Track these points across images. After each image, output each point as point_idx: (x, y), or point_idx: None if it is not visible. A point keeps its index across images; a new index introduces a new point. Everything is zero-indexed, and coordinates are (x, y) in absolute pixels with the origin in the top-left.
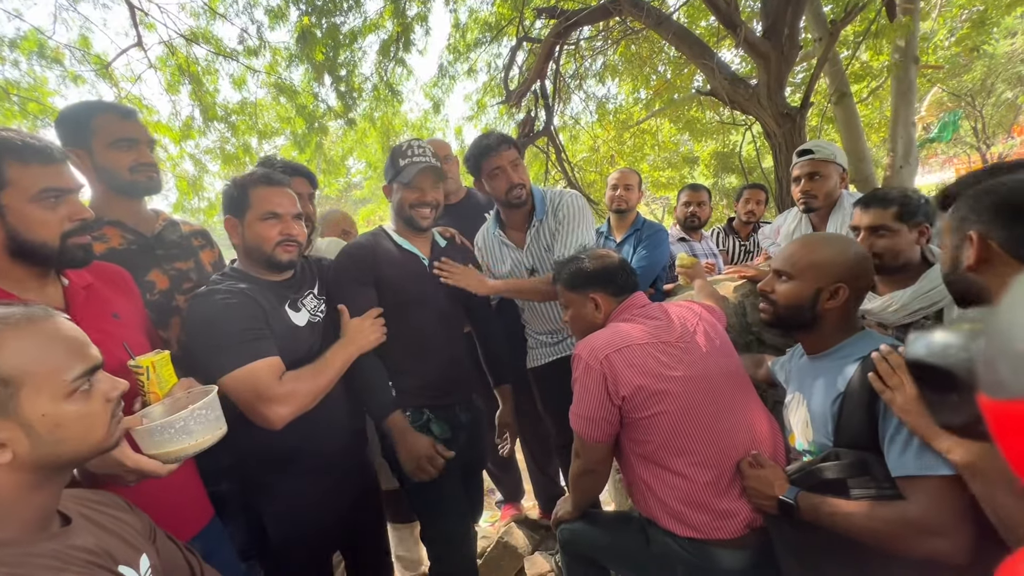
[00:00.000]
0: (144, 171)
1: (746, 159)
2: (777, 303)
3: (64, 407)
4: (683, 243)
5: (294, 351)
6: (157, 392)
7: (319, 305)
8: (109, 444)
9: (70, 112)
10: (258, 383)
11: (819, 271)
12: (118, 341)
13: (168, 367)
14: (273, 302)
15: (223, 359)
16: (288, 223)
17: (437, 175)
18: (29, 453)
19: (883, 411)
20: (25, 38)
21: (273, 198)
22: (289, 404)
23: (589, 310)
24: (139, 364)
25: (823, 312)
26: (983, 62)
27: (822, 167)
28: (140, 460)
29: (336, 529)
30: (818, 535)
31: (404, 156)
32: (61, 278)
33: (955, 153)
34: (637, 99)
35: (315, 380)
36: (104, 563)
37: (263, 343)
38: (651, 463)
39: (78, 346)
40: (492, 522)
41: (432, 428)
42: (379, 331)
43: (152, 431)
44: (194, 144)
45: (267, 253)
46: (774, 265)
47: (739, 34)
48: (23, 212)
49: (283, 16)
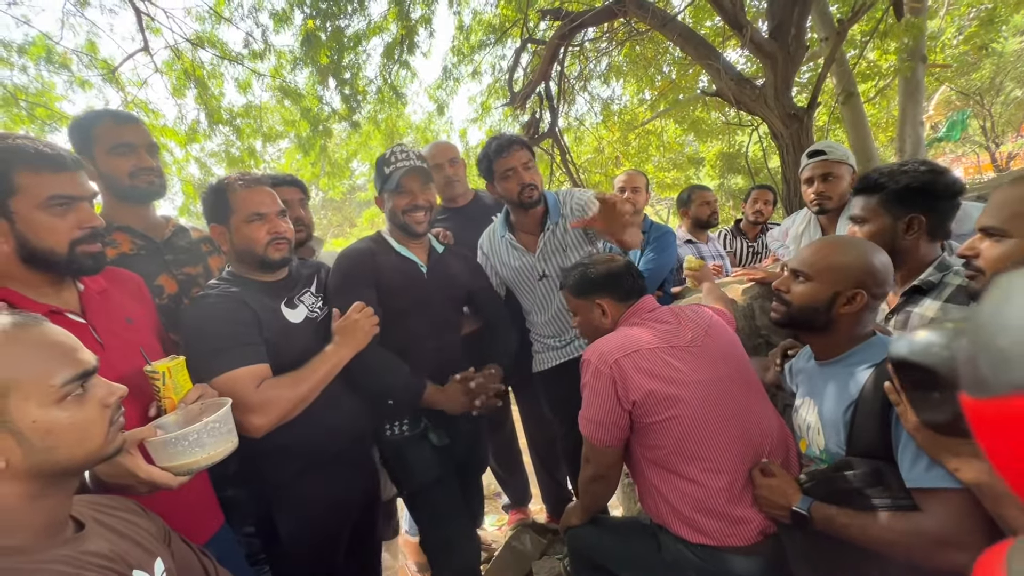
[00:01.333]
0: (144, 176)
1: (752, 160)
2: (791, 303)
3: (55, 413)
4: (690, 245)
5: (291, 348)
6: (172, 397)
7: (317, 302)
8: (109, 450)
9: (76, 122)
10: (235, 391)
11: (838, 274)
12: (133, 346)
13: (183, 372)
14: (268, 302)
15: (206, 365)
16: (274, 221)
17: (424, 176)
18: (23, 461)
19: (896, 420)
20: (33, 44)
21: (254, 198)
22: (265, 414)
23: (596, 316)
24: (155, 369)
25: (838, 316)
26: (992, 60)
27: (835, 168)
28: (152, 472)
29: (345, 529)
30: (831, 544)
31: (388, 164)
32: (77, 283)
33: (964, 152)
34: (642, 100)
35: (296, 388)
36: (118, 568)
37: (248, 349)
38: (663, 469)
39: (66, 351)
40: (499, 526)
41: (430, 437)
42: (372, 326)
43: (166, 443)
44: (199, 148)
45: (259, 254)
46: (792, 265)
47: (745, 34)
48: (32, 219)
49: (288, 19)
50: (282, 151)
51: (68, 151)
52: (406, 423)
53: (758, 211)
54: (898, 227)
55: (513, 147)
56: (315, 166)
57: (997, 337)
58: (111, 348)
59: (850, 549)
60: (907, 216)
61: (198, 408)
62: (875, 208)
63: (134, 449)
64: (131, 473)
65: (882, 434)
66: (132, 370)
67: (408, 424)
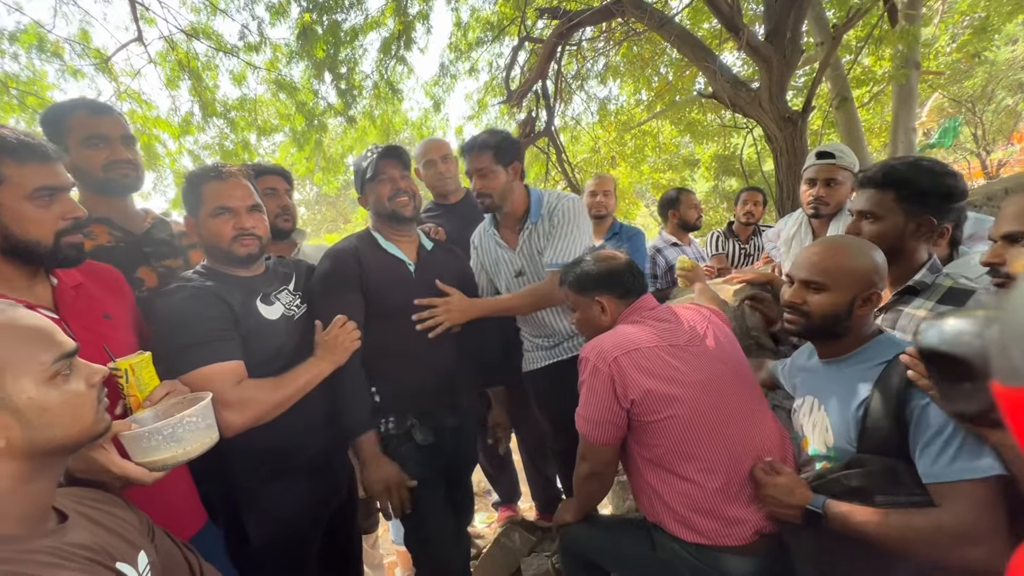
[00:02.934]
0: (118, 169)
1: (747, 162)
2: (812, 314)
3: (48, 391)
4: (675, 248)
5: (266, 345)
6: (137, 395)
7: (295, 300)
8: (100, 428)
9: (50, 112)
10: (212, 386)
11: (854, 279)
12: (108, 342)
13: (149, 369)
14: (243, 297)
15: (181, 358)
16: (241, 216)
17: (402, 162)
18: (22, 438)
19: (915, 418)
20: (25, 31)
21: (223, 191)
22: (242, 412)
23: (595, 313)
24: (118, 367)
25: (855, 319)
26: (984, 68)
27: (840, 173)
28: (126, 466)
29: (317, 531)
30: (841, 544)
31: (364, 159)
32: (51, 278)
33: (955, 159)
34: (638, 100)
35: (274, 392)
36: (102, 560)
37: (224, 345)
38: (659, 468)
39: (46, 333)
40: (489, 523)
41: (415, 435)
42: (353, 342)
43: (140, 437)
44: (193, 140)
45: (224, 249)
46: (801, 276)
47: (741, 37)
48: (18, 210)
49: (284, 12)
50: (277, 145)
51: (49, 142)
52: (392, 420)
53: (748, 212)
54: (908, 227)
55: (474, 150)
56: (310, 161)
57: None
58: (85, 344)
59: (861, 548)
60: (920, 217)
61: (179, 402)
62: (891, 205)
63: (108, 444)
64: (104, 468)
65: (897, 432)
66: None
67: (394, 421)
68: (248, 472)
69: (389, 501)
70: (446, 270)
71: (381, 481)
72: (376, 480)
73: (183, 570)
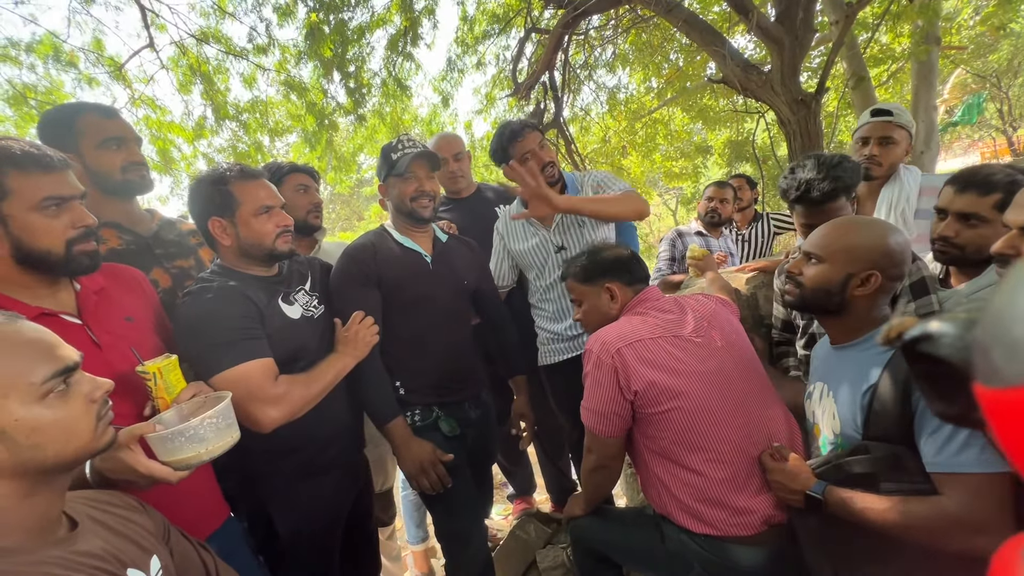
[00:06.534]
0: (135, 170)
1: (760, 147)
2: (804, 285)
3: (38, 411)
4: (700, 237)
5: (290, 344)
6: (165, 397)
7: (312, 300)
8: (98, 446)
9: (51, 116)
10: (251, 383)
11: (850, 256)
12: (132, 345)
13: (176, 372)
14: (266, 297)
15: (215, 357)
16: (281, 214)
17: (432, 163)
18: (9, 460)
19: (922, 404)
20: (40, 42)
21: (261, 192)
22: (281, 407)
23: (604, 301)
24: (146, 370)
25: (851, 299)
26: (1010, 41)
27: (896, 132)
28: (152, 466)
29: (340, 525)
30: (846, 529)
31: (395, 150)
32: (73, 283)
33: (980, 136)
34: (648, 88)
35: (308, 388)
36: (111, 568)
37: (257, 343)
38: (665, 459)
39: (44, 348)
40: (504, 515)
41: (441, 426)
42: (373, 336)
43: (164, 438)
44: (207, 143)
45: (268, 247)
46: (805, 247)
47: (751, 19)
48: (26, 221)
49: (291, 13)
50: (289, 146)
51: (53, 150)
52: (418, 412)
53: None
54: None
55: (525, 130)
56: (322, 160)
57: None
58: (109, 348)
59: (866, 535)
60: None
61: (202, 402)
62: (992, 209)
63: (135, 445)
64: (131, 468)
65: (903, 419)
66: (131, 369)
67: (420, 413)
68: (276, 468)
69: (427, 479)
70: (462, 260)
71: (416, 460)
72: (412, 460)
73: (198, 570)
